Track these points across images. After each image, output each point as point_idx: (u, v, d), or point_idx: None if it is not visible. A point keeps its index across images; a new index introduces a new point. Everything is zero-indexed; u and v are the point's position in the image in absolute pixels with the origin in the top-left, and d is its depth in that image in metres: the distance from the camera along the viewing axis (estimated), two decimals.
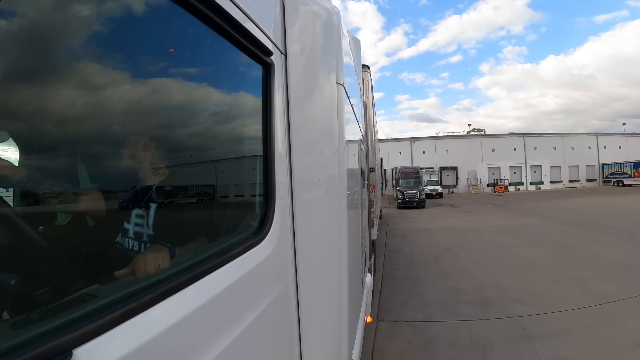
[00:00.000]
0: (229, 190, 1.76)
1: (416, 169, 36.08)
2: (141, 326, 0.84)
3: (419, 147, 53.76)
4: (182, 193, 1.50)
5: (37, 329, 0.69)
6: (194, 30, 1.22)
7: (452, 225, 17.98)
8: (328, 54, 1.94)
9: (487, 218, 20.40)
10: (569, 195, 35.18)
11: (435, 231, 16.30)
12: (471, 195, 45.95)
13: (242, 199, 1.82)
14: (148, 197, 1.27)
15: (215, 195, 1.66)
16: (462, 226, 17.54)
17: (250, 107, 1.68)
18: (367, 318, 3.99)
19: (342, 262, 1.94)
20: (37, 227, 0.98)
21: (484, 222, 18.57)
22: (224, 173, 1.69)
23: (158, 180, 1.32)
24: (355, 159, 3.00)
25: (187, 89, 1.34)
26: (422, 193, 30.20)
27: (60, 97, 0.94)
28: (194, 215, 1.58)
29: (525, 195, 40.42)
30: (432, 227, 17.57)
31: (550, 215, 20.32)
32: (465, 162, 51.86)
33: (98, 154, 1.13)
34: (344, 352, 1.99)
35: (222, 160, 1.68)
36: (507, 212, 22.89)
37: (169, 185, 1.35)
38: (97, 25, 0.94)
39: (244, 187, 1.81)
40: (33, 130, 0.97)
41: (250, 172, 1.73)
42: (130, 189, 1.28)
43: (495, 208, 26.52)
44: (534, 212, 22.00)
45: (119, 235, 1.20)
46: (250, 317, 1.29)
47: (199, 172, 1.55)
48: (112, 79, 1.03)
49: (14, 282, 0.74)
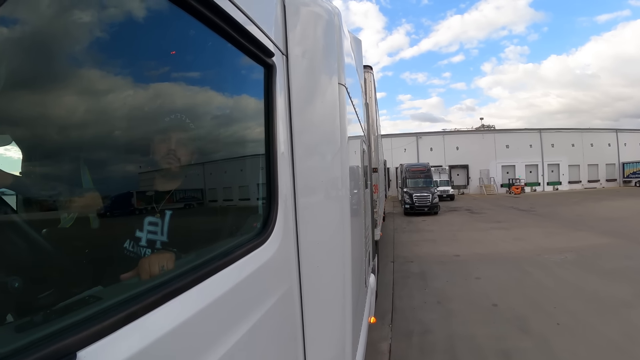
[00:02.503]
0: (232, 192, 1.76)
1: (426, 166, 29.29)
2: (145, 328, 0.84)
3: (425, 144, 48.41)
4: (185, 196, 1.50)
5: (41, 331, 0.69)
6: (195, 33, 1.22)
7: (492, 250, 11.80)
8: (329, 55, 1.94)
9: (531, 234, 14.49)
10: (597, 198, 30.40)
11: (473, 265, 9.90)
12: (484, 196, 40.64)
13: (245, 201, 1.82)
14: (152, 200, 1.27)
15: (218, 197, 1.67)
16: (507, 251, 11.49)
17: (252, 108, 1.69)
18: (371, 319, 3.99)
19: (345, 262, 1.94)
20: (41, 230, 0.98)
21: (534, 242, 12.66)
22: (226, 175, 1.69)
23: (163, 183, 1.32)
24: (358, 159, 2.99)
25: (189, 91, 1.34)
26: (435, 196, 24.07)
27: (63, 101, 0.95)
28: (197, 217, 1.58)
29: (546, 198, 34.97)
30: (465, 255, 11.13)
31: (607, 227, 15.11)
32: (477, 160, 46.75)
33: (100, 156, 1.13)
34: (347, 352, 1.99)
35: (225, 162, 1.68)
36: (548, 222, 17.55)
37: (173, 188, 1.36)
38: (99, 29, 0.94)
39: (247, 189, 1.81)
40: (36, 134, 0.98)
41: (253, 174, 1.74)
42: (134, 191, 1.29)
43: (526, 215, 21.29)
44: (581, 222, 16.83)
45: (123, 237, 1.20)
46: (254, 318, 1.29)
47: (201, 175, 1.55)
48: (115, 83, 1.03)
49: (18, 284, 0.75)
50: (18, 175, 1.02)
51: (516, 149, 47.03)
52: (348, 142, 2.08)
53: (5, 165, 1.04)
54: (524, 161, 46.87)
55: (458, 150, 47.71)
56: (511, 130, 49.60)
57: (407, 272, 9.62)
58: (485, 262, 10.22)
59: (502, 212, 23.14)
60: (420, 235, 15.65)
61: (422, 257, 11.17)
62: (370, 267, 4.41)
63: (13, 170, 1.02)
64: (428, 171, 28.04)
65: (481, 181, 46.38)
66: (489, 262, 10.25)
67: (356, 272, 2.40)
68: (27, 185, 1.05)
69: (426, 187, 25.24)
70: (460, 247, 12.66)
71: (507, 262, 10.09)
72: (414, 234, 15.98)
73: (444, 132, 50.47)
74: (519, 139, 47.64)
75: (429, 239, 14.48)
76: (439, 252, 11.96)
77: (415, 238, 14.92)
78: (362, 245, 3.10)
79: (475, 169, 47.21)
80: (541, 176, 47.23)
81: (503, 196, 39.77)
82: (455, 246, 12.79)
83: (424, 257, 11.17)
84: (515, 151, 46.97)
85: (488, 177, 46.47)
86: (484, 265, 9.92)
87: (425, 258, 11.09)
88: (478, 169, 46.98)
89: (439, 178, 35.40)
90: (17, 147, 1.03)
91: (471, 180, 47.44)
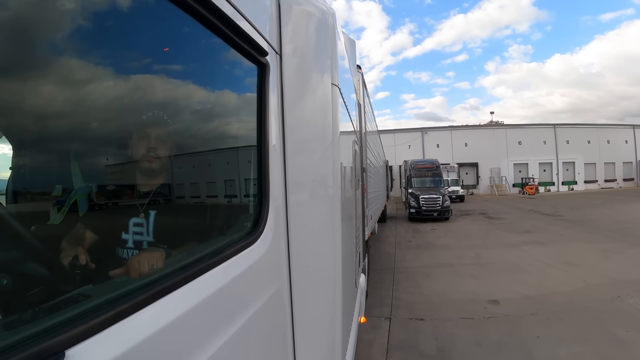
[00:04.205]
0: (223, 191, 1.75)
1: (435, 162, 24.20)
2: (134, 327, 0.83)
3: (431, 140, 44.38)
4: (175, 194, 1.49)
5: (29, 329, 0.68)
6: (188, 30, 1.22)
7: (544, 288, 7.50)
8: (323, 55, 1.95)
9: (581, 253, 10.47)
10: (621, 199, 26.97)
11: (529, 329, 5.56)
12: (496, 197, 36.76)
13: (236, 200, 1.82)
14: (142, 197, 1.27)
15: (209, 195, 1.66)
16: (568, 290, 7.31)
17: (244, 107, 1.68)
18: (361, 318, 4.00)
19: (335, 262, 1.94)
20: (30, 226, 0.97)
21: (595, 270, 8.58)
22: (217, 173, 1.69)
23: (152, 180, 1.32)
24: (349, 159, 3.00)
25: (181, 89, 1.34)
26: (446, 198, 19.86)
27: (54, 96, 0.94)
28: (187, 215, 1.57)
29: (564, 199, 31.06)
30: (506, 301, 6.87)
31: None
32: (487, 157, 42.80)
33: (91, 153, 1.12)
34: (337, 352, 2.00)
35: (216, 160, 1.68)
36: (589, 233, 13.60)
37: (163, 186, 1.35)
38: (91, 23, 0.93)
39: (238, 188, 1.81)
40: (26, 129, 0.97)
41: (244, 173, 1.73)
42: (123, 188, 1.28)
43: (554, 221, 17.33)
44: (631, 234, 13.08)
45: (112, 235, 1.19)
46: (244, 317, 1.29)
47: (193, 173, 1.55)
48: (105, 78, 1.02)
49: (6, 282, 0.74)
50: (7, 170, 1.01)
51: (529, 146, 43.37)
52: (340, 142, 2.09)
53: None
54: (537, 159, 43.34)
55: (467, 147, 43.95)
56: (524, 126, 46.28)
57: (414, 348, 5.17)
58: (546, 321, 5.80)
59: (524, 217, 19.65)
60: (431, 255, 11.28)
61: (437, 306, 6.79)
62: (360, 267, 4.42)
63: (2, 166, 1.01)
64: (437, 168, 23.34)
65: (492, 180, 42.71)
66: (551, 319, 5.85)
67: (346, 272, 2.41)
68: (16, 181, 1.03)
69: (435, 188, 20.98)
70: (494, 280, 8.22)
71: (581, 319, 5.81)
72: (422, 254, 11.53)
73: (451, 128, 46.72)
74: (532, 134, 44.00)
75: (445, 263, 10.10)
76: (464, 292, 7.56)
77: (425, 260, 10.54)
78: (352, 245, 3.11)
79: (485, 167, 43.51)
80: (556, 175, 43.69)
81: (516, 197, 36.12)
82: (486, 278, 8.40)
83: (440, 306, 6.78)
84: (528, 148, 43.35)
85: (499, 176, 42.86)
86: (546, 328, 5.53)
87: (442, 308, 6.69)
88: (488, 167, 43.30)
89: (447, 177, 30.07)
90: (7, 141, 1.02)
91: (481, 179, 43.79)
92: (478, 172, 43.89)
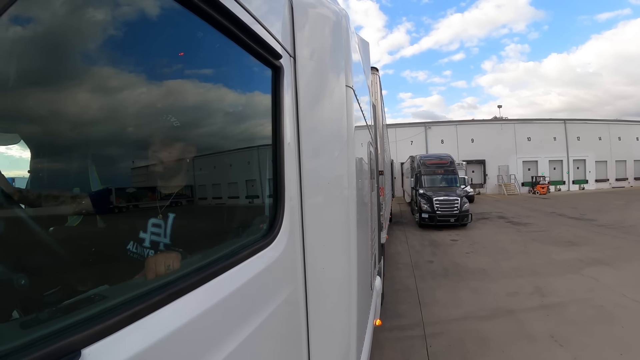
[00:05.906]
0: (238, 193, 1.76)
1: (448, 158, 20.44)
2: (150, 327, 0.84)
3: (435, 135, 41.57)
4: (192, 196, 1.51)
5: (46, 328, 0.69)
6: (203, 35, 1.23)
7: None
8: (337, 57, 1.94)
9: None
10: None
11: None
12: (505, 197, 34.04)
13: (251, 202, 1.83)
14: (159, 199, 1.28)
15: (224, 198, 1.67)
16: None
17: (259, 110, 1.69)
18: (376, 321, 3.96)
19: (351, 265, 1.93)
20: (48, 228, 0.99)
21: None
22: (233, 176, 1.70)
23: (169, 183, 1.33)
24: (365, 161, 2.99)
25: (196, 93, 1.35)
26: (465, 200, 16.66)
27: (73, 100, 0.96)
28: (203, 218, 1.59)
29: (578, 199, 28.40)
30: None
31: None
32: (494, 154, 40.04)
33: (108, 155, 1.14)
34: (352, 355, 1.98)
35: (232, 163, 1.69)
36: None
37: (180, 188, 1.36)
38: (109, 29, 0.95)
39: (253, 190, 1.81)
40: (45, 133, 0.99)
41: (260, 175, 1.74)
42: (141, 190, 1.30)
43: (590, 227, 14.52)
44: None
45: (130, 236, 1.21)
46: (258, 319, 1.29)
47: (209, 175, 1.56)
48: (123, 83, 1.04)
49: (24, 281, 0.75)
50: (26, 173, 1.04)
51: (539, 142, 40.66)
52: (355, 144, 2.08)
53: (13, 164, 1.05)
54: (547, 156, 40.69)
55: (473, 143, 40.74)
56: (533, 121, 43.24)
57: None
58: None
59: (553, 222, 16.52)
60: (470, 290, 7.42)
61: None
62: (376, 270, 4.39)
63: (22, 169, 1.03)
64: (451, 164, 19.63)
65: (500, 179, 39.77)
66: None
67: (362, 274, 2.38)
68: (34, 184, 1.06)
69: (450, 188, 17.79)
70: (590, 348, 4.73)
71: None
72: (456, 287, 7.67)
73: (457, 122, 43.69)
74: (542, 130, 41.20)
75: (498, 309, 6.33)
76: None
77: (466, 303, 6.69)
78: (368, 247, 3.08)
79: (493, 164, 40.42)
80: (566, 173, 41.19)
81: (527, 197, 33.42)
82: (575, 343, 4.88)
83: None
84: (538, 144, 40.62)
85: (507, 174, 39.93)
86: None
87: None
88: (496, 165, 40.29)
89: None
90: (25, 145, 1.05)
91: (488, 178, 40.59)
92: (485, 170, 40.97)
